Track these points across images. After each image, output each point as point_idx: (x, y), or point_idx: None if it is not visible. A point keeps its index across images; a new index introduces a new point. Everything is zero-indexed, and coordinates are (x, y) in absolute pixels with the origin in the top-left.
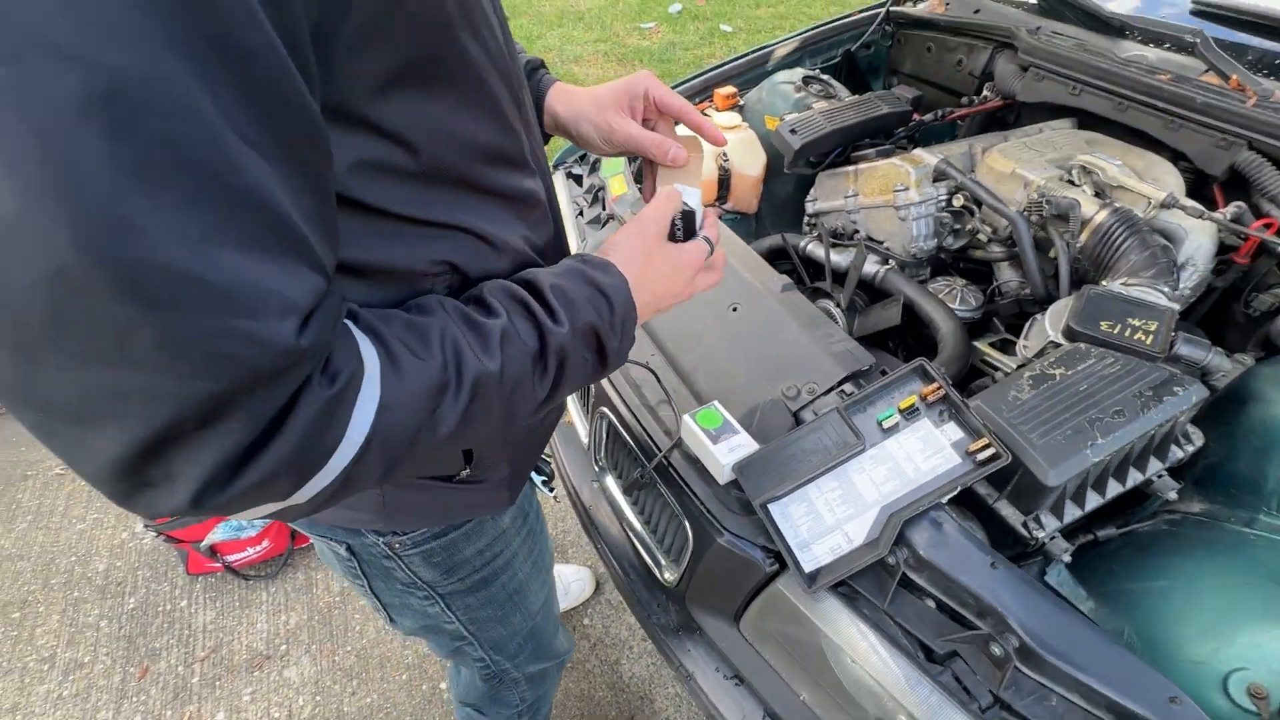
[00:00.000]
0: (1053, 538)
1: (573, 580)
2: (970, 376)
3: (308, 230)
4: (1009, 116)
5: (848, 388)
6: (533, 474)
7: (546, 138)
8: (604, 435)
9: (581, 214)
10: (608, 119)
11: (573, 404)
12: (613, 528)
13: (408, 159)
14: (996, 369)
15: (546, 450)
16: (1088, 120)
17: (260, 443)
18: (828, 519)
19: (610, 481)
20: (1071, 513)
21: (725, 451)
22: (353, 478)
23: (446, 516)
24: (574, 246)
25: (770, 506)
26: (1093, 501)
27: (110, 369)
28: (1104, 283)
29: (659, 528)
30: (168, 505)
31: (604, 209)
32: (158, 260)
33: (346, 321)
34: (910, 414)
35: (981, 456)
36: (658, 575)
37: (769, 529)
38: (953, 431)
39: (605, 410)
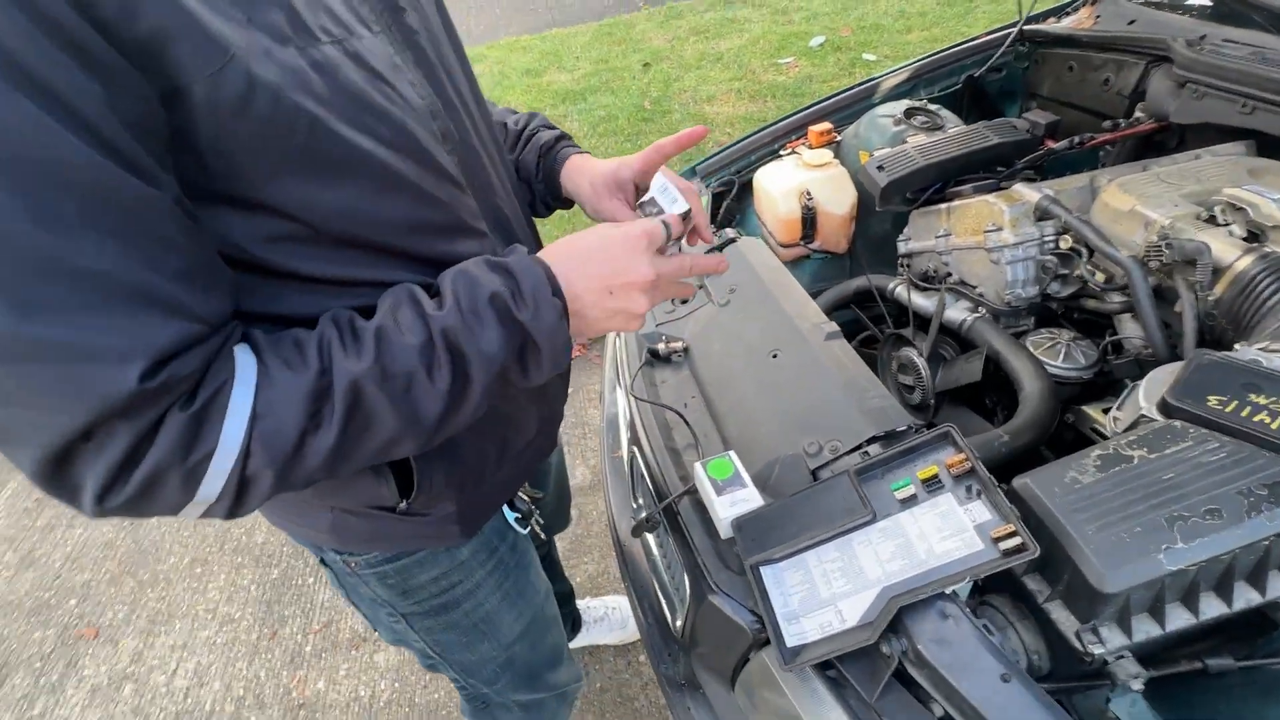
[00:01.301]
0: (1119, 656)
1: (631, 614)
2: (1078, 445)
3: (175, 287)
4: (1170, 141)
5: (873, 450)
6: (505, 509)
7: (569, 203)
8: (637, 474)
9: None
10: (602, 207)
11: (624, 434)
12: (642, 566)
13: (312, 234)
14: (1106, 438)
15: (526, 490)
16: (1267, 144)
17: (134, 457)
18: (823, 592)
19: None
20: (1145, 630)
21: (727, 504)
22: (249, 479)
23: (395, 544)
24: None
25: (763, 569)
26: (1178, 620)
27: (2, 409)
28: (1240, 345)
29: (675, 573)
30: (86, 506)
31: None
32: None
33: (237, 346)
34: (932, 486)
35: (1006, 545)
36: (670, 622)
37: (755, 593)
38: (979, 511)
39: (635, 449)
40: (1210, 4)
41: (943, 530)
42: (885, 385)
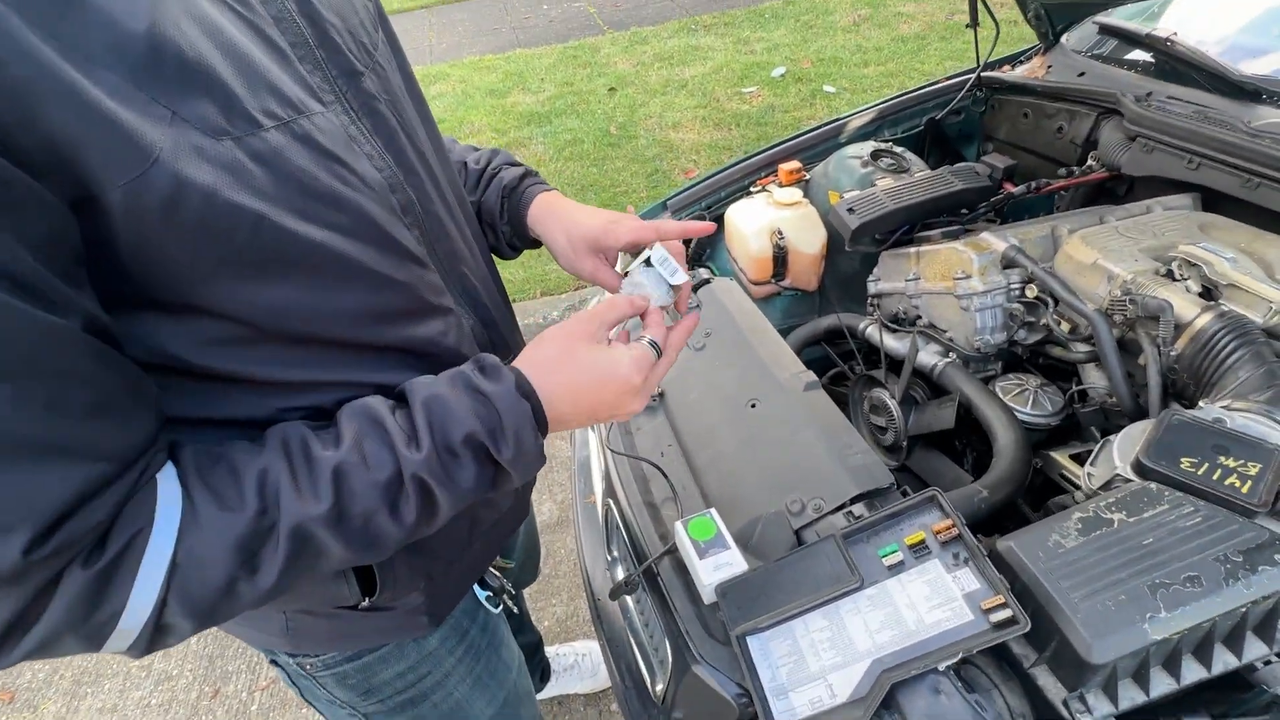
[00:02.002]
0: None
1: (602, 661)
2: (1047, 490)
3: (81, 426)
4: (1119, 189)
5: (857, 509)
6: (476, 588)
7: (536, 243)
8: (613, 526)
9: None
10: (581, 264)
11: (597, 481)
12: (617, 621)
13: (257, 335)
14: (1078, 487)
15: (499, 562)
16: (1214, 198)
17: (23, 623)
18: (812, 664)
19: (620, 574)
20: (1131, 697)
21: (710, 569)
22: (163, 630)
23: (357, 641)
24: None
25: (749, 639)
26: (1162, 686)
27: None
28: (1204, 403)
29: (654, 634)
30: None
31: None
32: None
33: (160, 476)
34: (919, 552)
35: (995, 618)
36: (649, 686)
37: (743, 665)
38: (967, 580)
39: (611, 502)
40: (1153, 61)
41: (931, 599)
42: (857, 425)
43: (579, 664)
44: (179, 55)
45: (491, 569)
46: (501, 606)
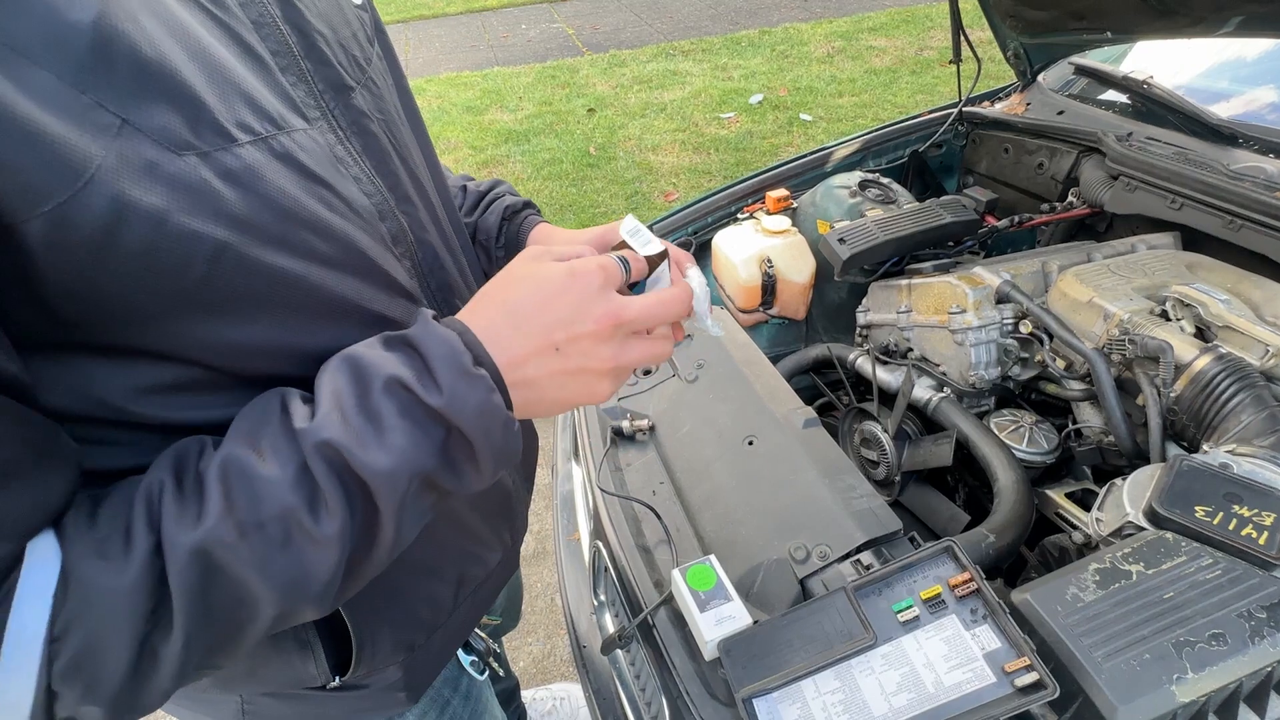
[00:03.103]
0: None
1: (584, 704)
2: (1042, 528)
3: None
4: (1099, 225)
5: (865, 557)
6: (460, 653)
7: None
8: (600, 569)
9: None
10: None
11: (582, 518)
12: (604, 672)
13: (212, 378)
14: (1075, 526)
15: (484, 620)
16: (1194, 237)
17: None
18: None
19: (608, 620)
20: None
21: (712, 623)
22: None
23: None
24: None
25: (756, 701)
26: None
27: None
28: (1207, 446)
29: (647, 689)
30: None
31: None
32: None
33: (33, 542)
34: (934, 606)
35: (1020, 681)
36: None
37: None
38: (987, 638)
39: (600, 544)
40: (1130, 103)
41: (950, 659)
42: (851, 462)
43: (558, 708)
44: (133, 52)
45: (476, 630)
46: (487, 672)
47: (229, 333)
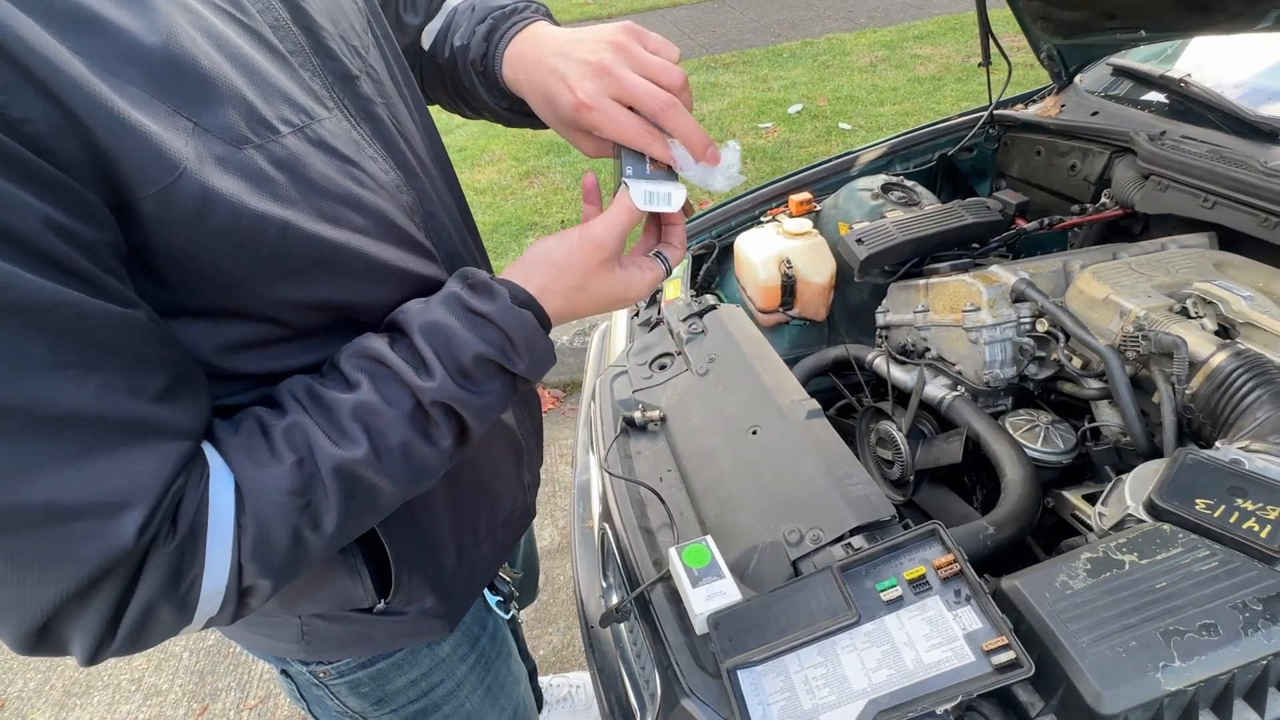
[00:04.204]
0: None
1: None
2: (1059, 531)
3: (161, 409)
4: (1134, 227)
5: (857, 541)
6: (486, 592)
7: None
8: (608, 551)
9: (637, 314)
10: (567, 136)
11: (595, 507)
12: (610, 651)
13: (287, 333)
14: (1090, 527)
15: (506, 571)
16: (1231, 237)
17: (123, 603)
18: (805, 702)
19: (614, 601)
20: None
21: (703, 598)
22: (247, 592)
23: (372, 646)
24: (620, 345)
25: (740, 673)
26: None
27: None
28: (1221, 443)
29: (645, 666)
30: (78, 659)
31: (657, 311)
32: None
33: (204, 448)
34: (919, 588)
35: (997, 660)
36: None
37: (732, 701)
38: (969, 619)
39: (607, 527)
40: (1166, 101)
41: (931, 638)
42: (863, 458)
43: (572, 696)
44: (196, 67)
45: (501, 574)
46: (511, 613)
47: (296, 293)
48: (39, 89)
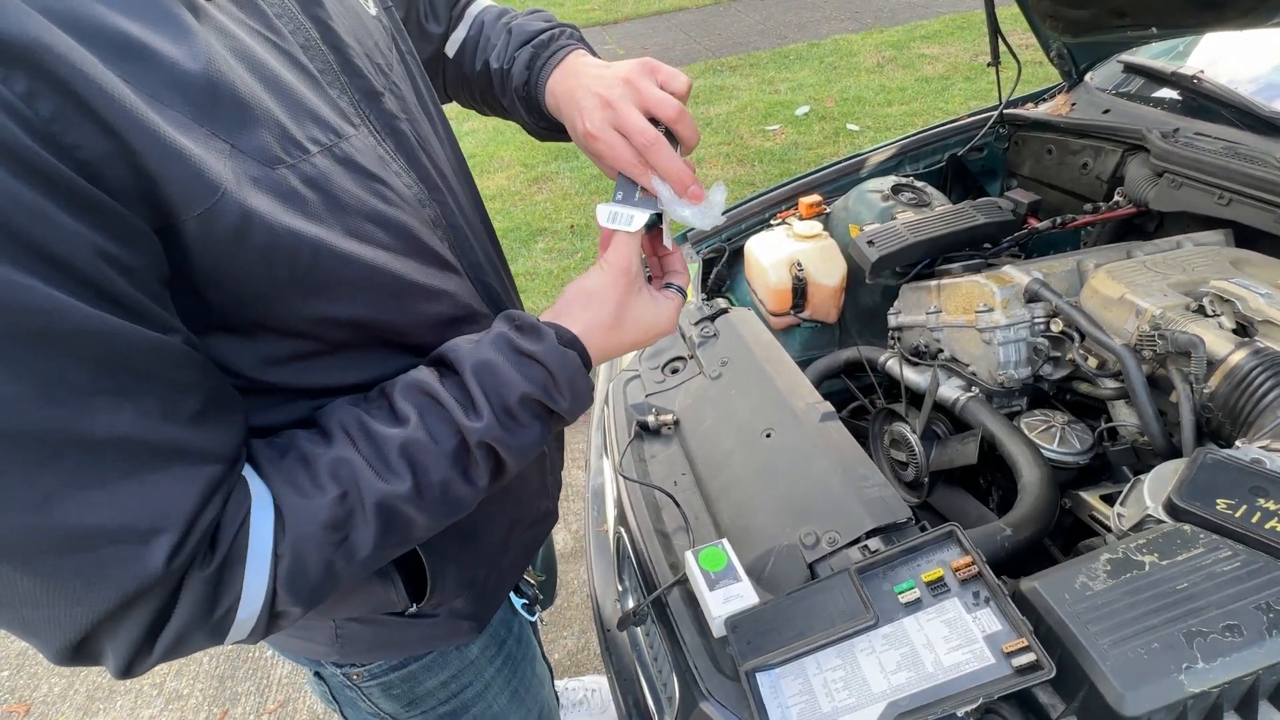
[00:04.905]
0: None
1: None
2: (1077, 532)
3: (194, 433)
4: (1148, 225)
5: (873, 543)
6: (511, 595)
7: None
8: (624, 555)
9: None
10: (591, 142)
11: (610, 511)
12: (627, 654)
13: (320, 348)
14: (1109, 528)
15: (530, 574)
16: (1247, 234)
17: (159, 624)
18: (824, 705)
19: (630, 604)
20: None
21: (720, 601)
22: (278, 616)
23: (403, 649)
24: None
25: (758, 675)
26: None
27: (13, 610)
28: (1241, 442)
29: (662, 669)
30: (114, 671)
31: None
32: (9, 526)
33: (245, 473)
34: (937, 590)
35: (1018, 662)
36: None
37: (751, 703)
38: (988, 620)
39: (623, 530)
40: (1179, 98)
41: (950, 640)
42: (877, 460)
43: (588, 699)
44: (233, 91)
45: (526, 577)
46: (537, 615)
47: (329, 310)
48: (90, 116)
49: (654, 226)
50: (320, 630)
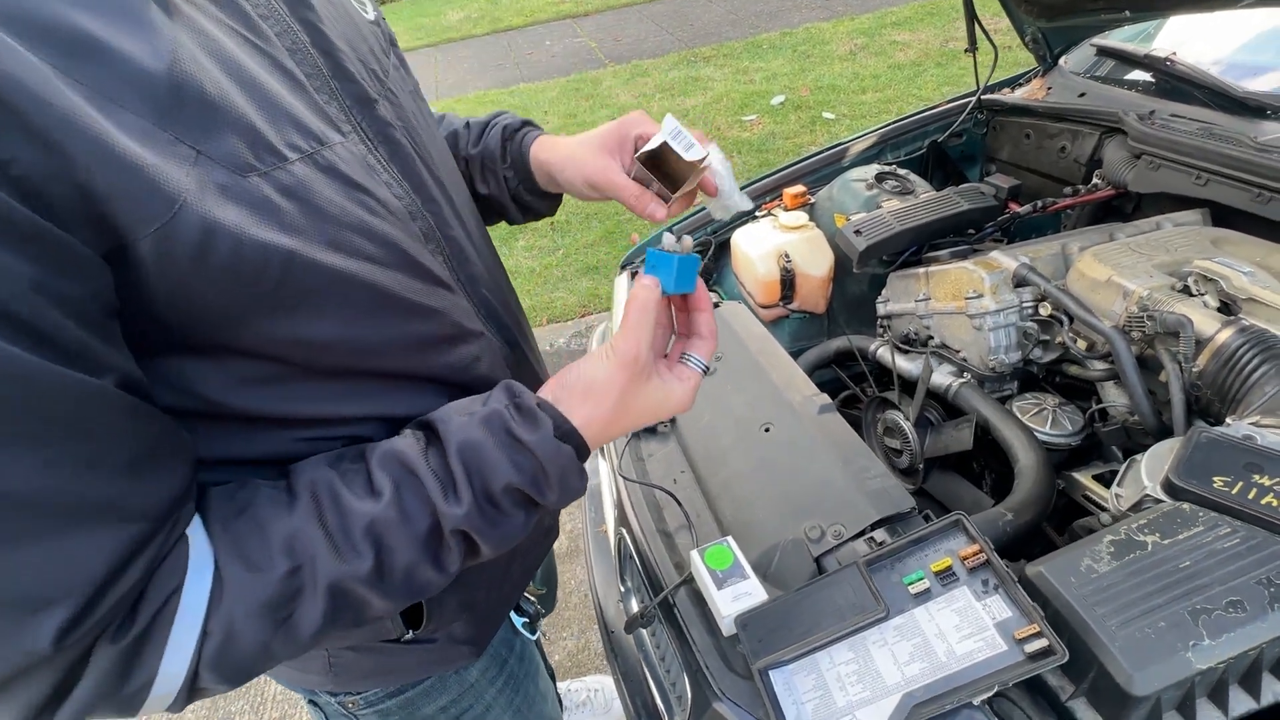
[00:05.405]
0: None
1: (615, 695)
2: (1070, 512)
3: (118, 486)
4: (1126, 207)
5: (879, 535)
6: (512, 614)
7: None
8: (626, 556)
9: None
10: (592, 163)
11: (608, 509)
12: (632, 656)
13: (294, 371)
14: (1103, 508)
15: (531, 589)
16: (1223, 213)
17: (56, 698)
18: (839, 699)
19: (633, 605)
20: None
21: (729, 599)
22: (198, 692)
23: (400, 676)
24: None
25: (772, 673)
26: (1210, 719)
27: None
28: (1231, 420)
29: (671, 669)
30: None
31: None
32: None
33: (190, 531)
34: (946, 578)
35: (1030, 648)
36: None
37: (766, 701)
38: (998, 608)
39: (624, 531)
40: (1153, 80)
41: (961, 628)
42: (870, 447)
43: (591, 700)
44: (200, 92)
45: (526, 594)
46: (538, 633)
47: (303, 329)
48: (22, 126)
49: (686, 285)
50: (313, 659)
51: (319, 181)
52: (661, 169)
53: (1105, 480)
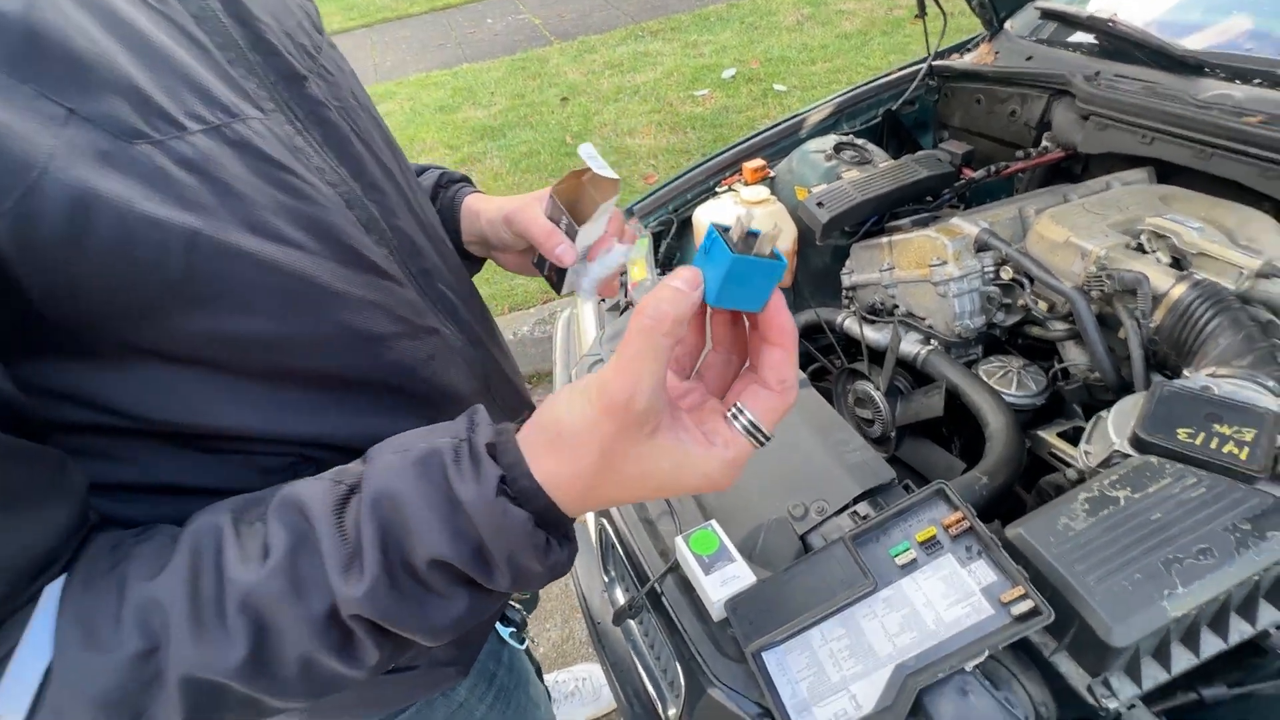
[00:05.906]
0: (1131, 706)
1: (604, 683)
2: (1036, 469)
3: None
4: (1075, 168)
5: (862, 508)
6: (499, 626)
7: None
8: (608, 545)
9: (603, 299)
10: (514, 202)
11: None
12: (620, 646)
13: (211, 374)
14: (1068, 464)
15: (515, 596)
16: (1167, 170)
17: None
18: (833, 675)
19: (619, 595)
20: (1154, 676)
21: (717, 584)
22: None
23: (384, 706)
24: (590, 332)
25: (765, 655)
26: (1183, 662)
27: None
28: (1188, 372)
29: (661, 656)
30: None
31: (624, 294)
32: None
33: (48, 589)
34: (930, 547)
35: (1017, 610)
36: (660, 712)
37: (761, 683)
38: (983, 573)
39: (605, 521)
40: (1096, 42)
41: (949, 596)
42: (842, 418)
43: (580, 689)
44: (64, 43)
45: (511, 602)
46: (526, 643)
47: (228, 324)
48: None
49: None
50: None
51: (226, 156)
52: (575, 209)
53: (1069, 437)
